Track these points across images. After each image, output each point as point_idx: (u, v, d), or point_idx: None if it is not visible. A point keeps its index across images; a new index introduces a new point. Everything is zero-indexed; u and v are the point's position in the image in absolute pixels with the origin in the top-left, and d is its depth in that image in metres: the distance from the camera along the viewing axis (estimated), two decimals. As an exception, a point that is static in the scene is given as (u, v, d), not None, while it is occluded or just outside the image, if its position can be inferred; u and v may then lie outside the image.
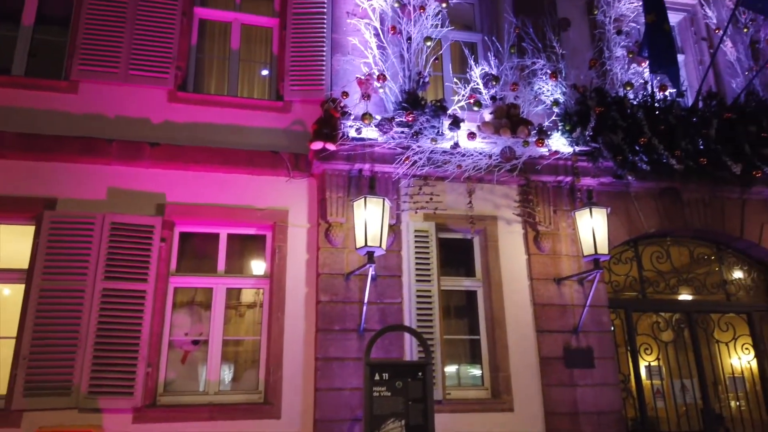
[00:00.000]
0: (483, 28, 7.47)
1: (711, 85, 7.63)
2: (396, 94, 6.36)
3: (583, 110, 6.65)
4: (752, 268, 7.22)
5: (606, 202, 6.39)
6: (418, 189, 6.19)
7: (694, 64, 8.00)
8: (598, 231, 5.78)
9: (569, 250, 6.37)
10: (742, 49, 7.80)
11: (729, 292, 7.04)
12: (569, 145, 6.52)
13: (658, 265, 6.96)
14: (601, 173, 6.59)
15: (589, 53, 7.29)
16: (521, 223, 6.45)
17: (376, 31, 6.59)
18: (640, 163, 6.52)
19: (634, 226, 6.69)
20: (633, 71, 7.21)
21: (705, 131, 6.74)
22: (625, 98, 6.77)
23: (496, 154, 6.27)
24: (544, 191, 6.52)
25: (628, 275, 6.84)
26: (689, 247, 7.15)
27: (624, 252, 6.87)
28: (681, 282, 6.96)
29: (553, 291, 6.20)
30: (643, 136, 6.53)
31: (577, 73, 7.04)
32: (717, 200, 6.93)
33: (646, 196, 6.81)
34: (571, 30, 7.30)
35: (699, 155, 6.64)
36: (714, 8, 7.99)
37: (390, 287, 5.84)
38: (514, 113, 6.50)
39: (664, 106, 6.85)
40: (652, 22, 6.53)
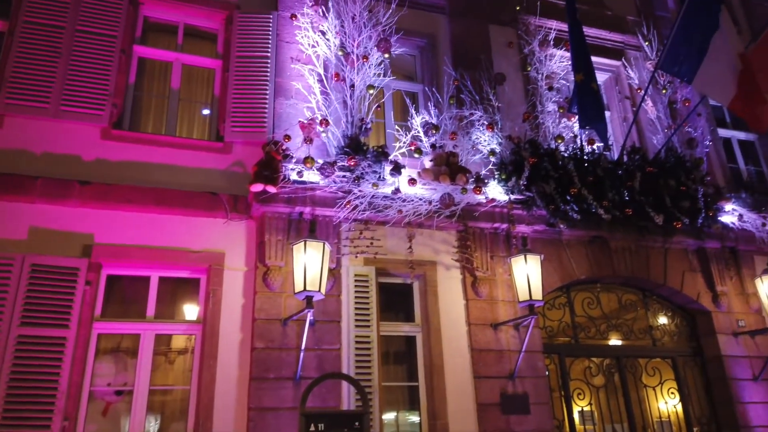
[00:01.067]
0: (424, 79, 7.72)
1: (635, 140, 8.15)
2: (338, 138, 6.42)
3: (518, 160, 6.92)
4: (675, 314, 7.58)
5: (540, 249, 6.59)
6: (358, 233, 6.20)
7: (619, 121, 8.54)
8: (532, 277, 5.94)
9: (506, 296, 6.49)
10: (662, 109, 8.41)
11: (655, 337, 7.34)
12: (505, 193, 6.74)
13: (590, 310, 7.20)
14: (535, 221, 6.82)
15: (523, 107, 7.65)
16: (460, 268, 6.54)
17: (320, 77, 6.68)
18: (571, 212, 6.81)
19: (566, 273, 6.93)
20: (564, 125, 7.61)
21: (630, 183, 7.14)
22: (557, 150, 7.11)
23: (435, 200, 6.40)
24: (481, 237, 6.66)
25: (561, 321, 7.03)
26: (618, 294, 7.46)
27: (557, 298, 7.07)
28: (611, 327, 7.21)
29: (490, 336, 6.27)
30: (574, 186, 6.84)
31: (512, 125, 7.36)
32: (642, 249, 7.29)
33: (577, 244, 7.09)
34: (506, 84, 7.65)
35: (625, 206, 7.01)
36: (636, 70, 8.62)
37: (328, 333, 5.73)
38: (453, 161, 6.69)
39: (592, 158, 7.23)
40: (581, 80, 6.95)
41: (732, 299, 7.39)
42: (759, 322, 7.33)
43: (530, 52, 7.98)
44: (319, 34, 6.80)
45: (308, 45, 6.78)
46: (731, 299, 7.38)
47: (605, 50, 8.65)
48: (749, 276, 7.48)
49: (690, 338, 7.45)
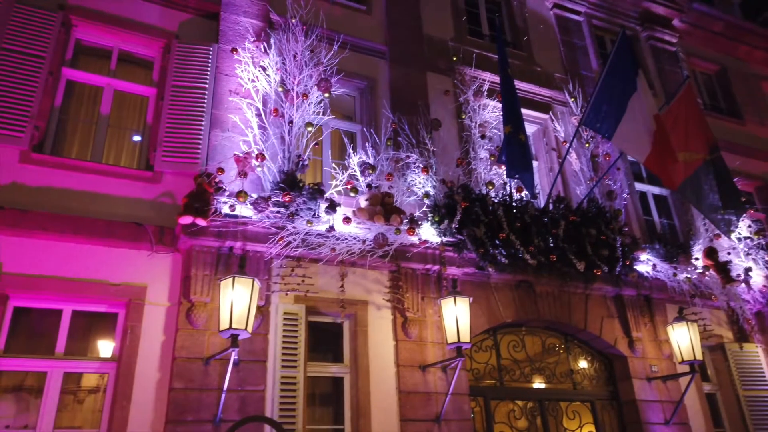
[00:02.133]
0: (363, 120, 7.85)
1: (560, 190, 8.57)
2: (274, 174, 6.37)
3: (451, 204, 7.10)
4: (595, 358, 7.87)
5: (469, 291, 6.73)
6: (290, 270, 6.10)
7: (546, 171, 8.97)
8: (461, 319, 6.03)
9: (435, 337, 6.54)
10: (585, 161, 8.91)
11: (575, 381, 7.57)
12: (438, 235, 6.87)
13: (515, 353, 7.36)
14: (465, 264, 6.97)
15: (457, 152, 7.91)
16: (391, 308, 6.55)
17: (258, 111, 6.65)
18: (500, 257, 7.02)
19: (493, 316, 7.08)
20: (495, 172, 7.91)
21: (555, 231, 7.47)
22: (488, 196, 7.36)
23: (369, 239, 6.42)
24: (413, 278, 6.72)
25: (487, 363, 7.13)
26: (541, 337, 7.68)
27: (484, 340, 7.19)
28: (534, 370, 7.38)
29: (419, 378, 6.27)
30: (502, 231, 7.07)
31: (446, 169, 7.58)
32: (565, 294, 7.58)
33: (504, 288, 7.28)
34: (442, 130, 7.90)
35: (549, 252, 7.30)
36: (562, 124, 9.14)
37: (253, 373, 5.54)
38: (389, 202, 6.77)
39: (520, 205, 7.53)
40: (509, 132, 7.28)
41: (646, 345, 7.77)
42: (670, 367, 7.72)
43: (465, 101, 8.31)
44: (259, 70, 6.80)
45: (248, 79, 6.76)
46: (645, 345, 7.76)
47: (534, 104, 9.13)
48: (662, 323, 7.91)
49: (607, 382, 7.73)
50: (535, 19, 10.13)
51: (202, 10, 7.18)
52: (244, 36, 7.02)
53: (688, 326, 7.16)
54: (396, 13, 8.58)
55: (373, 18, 8.47)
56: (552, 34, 10.17)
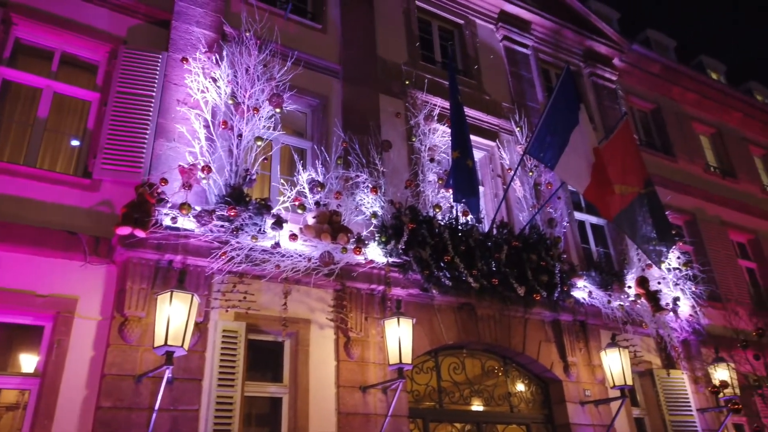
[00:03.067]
0: (314, 137, 7.84)
1: (504, 216, 8.79)
2: (220, 187, 6.25)
3: (398, 225, 7.16)
4: (532, 382, 8.03)
5: (413, 312, 6.77)
6: (232, 286, 5.96)
7: (491, 196, 9.19)
8: (404, 340, 6.04)
9: (376, 358, 6.51)
10: (528, 189, 9.19)
11: (513, 404, 7.70)
12: (384, 255, 6.90)
13: (455, 375, 7.42)
14: (410, 285, 7.02)
15: (406, 174, 8.00)
16: (334, 328, 6.49)
17: (206, 123, 6.54)
18: (444, 279, 7.11)
19: (435, 337, 7.13)
20: (442, 195, 8.04)
21: (497, 255, 7.64)
22: (434, 218, 7.47)
23: (315, 257, 6.38)
24: (358, 298, 6.70)
25: (428, 385, 7.16)
26: (481, 360, 7.78)
27: (426, 362, 7.23)
28: (473, 393, 7.46)
29: (359, 399, 6.21)
30: (448, 254, 7.18)
31: (395, 190, 7.65)
32: (505, 318, 7.73)
33: (447, 310, 7.36)
34: (392, 151, 7.99)
35: (492, 276, 7.45)
36: (508, 152, 9.41)
37: (187, 392, 5.34)
38: (336, 220, 6.75)
39: (465, 229, 7.67)
40: (457, 158, 7.45)
41: (581, 369, 8.01)
42: (602, 392, 7.97)
43: (416, 124, 8.44)
44: (210, 81, 6.70)
45: (197, 90, 6.64)
46: (580, 369, 8.00)
47: (482, 131, 9.38)
48: (596, 348, 8.18)
49: (543, 406, 7.90)
50: (485, 49, 10.46)
51: (152, 17, 7.03)
52: (196, 46, 6.91)
53: (619, 352, 7.43)
54: (351, 34, 8.67)
55: (328, 37, 8.53)
56: (501, 65, 10.52)
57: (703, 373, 8.92)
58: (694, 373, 8.98)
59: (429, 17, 10.26)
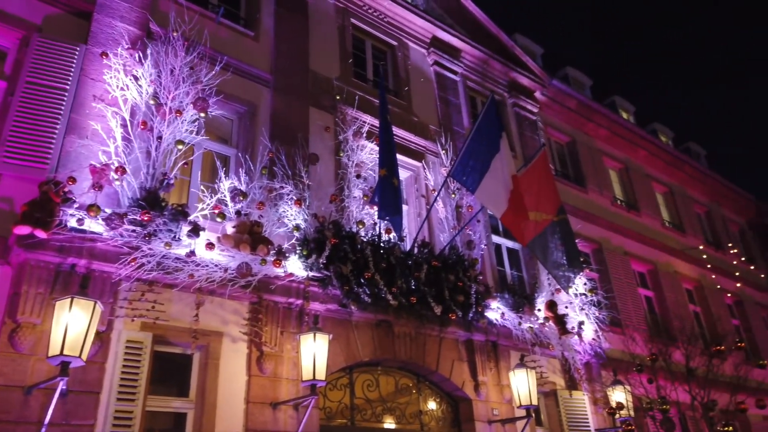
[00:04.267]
0: (239, 144, 7.67)
1: (425, 235, 8.97)
2: (135, 190, 5.97)
3: (321, 239, 7.13)
4: (443, 400, 8.17)
5: (330, 328, 6.72)
6: (140, 294, 5.68)
7: (414, 216, 9.36)
8: (319, 356, 5.98)
9: (290, 374, 6.40)
10: (450, 211, 9.44)
11: (423, 422, 7.78)
12: (304, 269, 6.83)
13: (369, 393, 7.42)
14: (329, 300, 6.98)
15: (331, 189, 8.00)
16: (247, 342, 6.32)
17: (124, 121, 6.24)
18: (363, 295, 7.12)
19: (351, 354, 7.11)
20: (366, 212, 8.09)
21: (417, 274, 7.77)
22: (357, 234, 7.50)
23: (232, 268, 6.21)
24: (274, 311, 6.58)
25: (341, 402, 7.11)
26: (395, 377, 7.83)
27: (340, 378, 7.18)
28: (386, 411, 7.49)
29: (269, 416, 6.06)
30: (368, 270, 7.22)
31: (320, 204, 7.61)
32: (421, 336, 7.85)
33: (365, 326, 7.37)
34: (319, 165, 7.96)
35: (410, 294, 7.56)
36: (432, 173, 9.64)
37: (83, 406, 5.00)
38: (257, 231, 6.62)
39: (387, 247, 7.75)
40: (383, 175, 7.53)
41: (490, 389, 8.24)
42: (510, 411, 8.23)
43: (344, 140, 8.48)
44: (131, 79, 6.41)
45: (117, 86, 6.34)
46: (489, 389, 8.23)
47: (410, 151, 9.56)
48: (505, 368, 8.46)
49: (453, 424, 8.05)
50: (416, 72, 10.71)
51: (72, 7, 6.66)
52: (118, 41, 6.61)
53: (527, 373, 7.73)
54: (284, 45, 8.61)
55: (260, 45, 8.42)
56: (431, 89, 10.80)
57: (602, 394, 9.43)
58: (594, 395, 9.47)
59: (363, 35, 10.39)
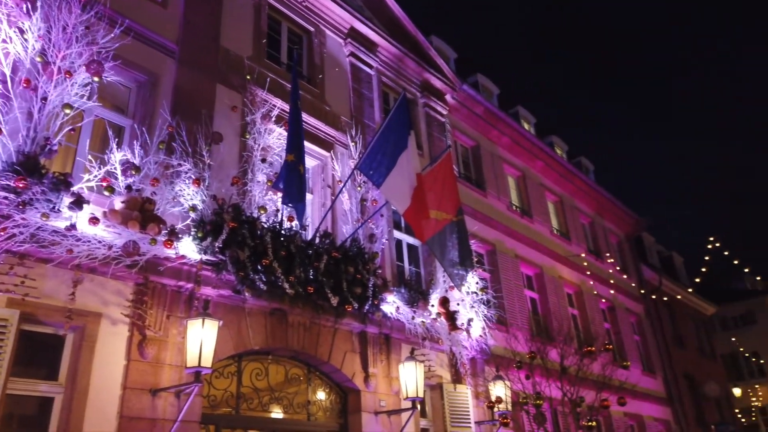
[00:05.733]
0: (135, 115, 7.20)
1: (328, 226, 8.93)
2: (11, 153, 5.42)
3: (218, 222, 6.88)
4: (332, 391, 8.21)
5: (221, 314, 6.53)
6: (8, 268, 5.17)
7: (319, 205, 9.29)
8: (206, 343, 5.78)
9: (174, 360, 6.13)
10: (355, 203, 9.47)
11: (311, 412, 7.77)
12: (198, 252, 6.56)
13: (257, 381, 7.29)
14: (222, 285, 6.76)
15: (234, 171, 7.73)
16: (129, 324, 5.98)
17: (3, 77, 5.64)
18: (259, 282, 6.97)
19: (242, 342, 6.94)
20: (269, 198, 7.91)
21: (317, 264, 7.72)
22: (258, 220, 7.31)
23: (118, 246, 5.84)
24: (162, 294, 6.27)
25: (227, 390, 6.93)
26: (286, 367, 7.75)
27: (228, 366, 6.99)
28: (273, 400, 7.39)
29: (147, 403, 5.78)
30: (267, 257, 7.06)
31: (220, 186, 7.34)
32: (315, 326, 7.82)
33: (258, 314, 7.22)
34: (222, 145, 7.67)
35: (308, 284, 7.49)
36: (340, 164, 9.62)
37: (-71, 388, 4.49)
38: (149, 208, 6.26)
39: (288, 235, 7.63)
40: (291, 161, 7.40)
41: (379, 381, 8.39)
42: (396, 403, 8.44)
43: (252, 122, 8.22)
44: (15, 31, 5.80)
45: (-2, 37, 5.71)
46: (379, 381, 8.38)
47: (319, 140, 9.47)
48: (396, 361, 8.65)
49: (340, 414, 8.11)
50: (332, 61, 10.62)
51: (-51, -59, 5.91)
52: (3, -13, 5.95)
53: (416, 366, 7.96)
54: (194, 15, 8.19)
55: (168, 12, 7.95)
56: (345, 80, 10.76)
57: (483, 388, 9.93)
58: (476, 389, 9.94)
59: (280, 17, 10.12)
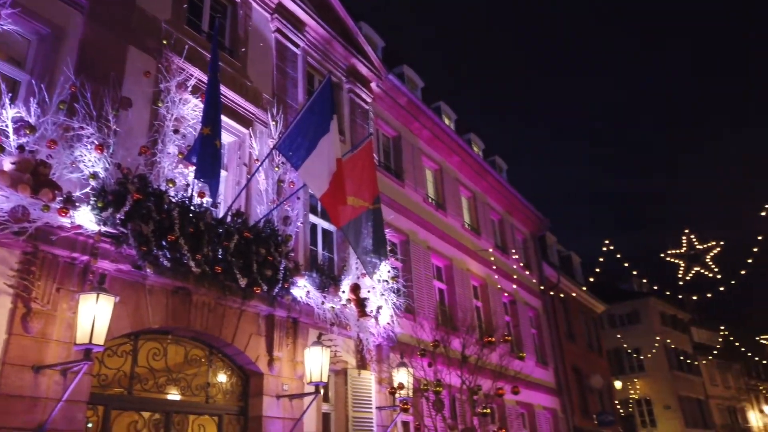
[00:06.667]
0: (34, 70, 6.61)
1: (242, 205, 8.67)
2: None
3: (122, 192, 6.48)
4: (234, 373, 8.01)
5: (118, 289, 6.19)
6: None
7: (233, 183, 8.99)
8: (99, 319, 5.47)
9: (62, 336, 5.74)
10: (271, 184, 9.26)
11: (210, 394, 7.55)
12: (96, 223, 6.16)
13: (154, 362, 6.98)
14: (121, 259, 6.40)
15: (143, 140, 7.31)
16: (12, 296, 5.53)
17: None
18: (163, 259, 6.65)
19: (140, 319, 6.61)
20: (179, 171, 7.54)
21: (226, 243, 7.47)
22: (166, 193, 6.96)
23: (4, 210, 5.38)
24: (52, 265, 5.85)
25: (119, 369, 6.59)
26: (186, 348, 7.48)
27: (122, 345, 6.65)
28: (170, 381, 7.11)
29: (28, 380, 5.37)
30: (173, 233, 6.75)
31: (127, 154, 6.92)
32: (221, 307, 7.59)
33: (159, 292, 6.91)
34: (131, 111, 7.22)
35: (216, 263, 7.25)
36: (259, 143, 9.35)
37: None
38: (43, 172, 5.79)
39: (199, 211, 7.32)
40: (207, 134, 7.09)
41: (284, 365, 8.31)
42: (300, 387, 8.40)
43: (166, 90, 7.80)
44: None
45: None
46: (283, 365, 8.30)
47: (237, 115, 9.15)
48: (302, 345, 8.60)
49: (240, 397, 7.95)
50: (256, 35, 10.28)
51: None
52: None
53: (322, 351, 7.95)
54: (109, -32, 7.62)
55: (79, -38, 7.34)
56: (269, 57, 10.45)
57: (387, 375, 10.11)
58: (380, 375, 10.10)
59: (205, -18, 9.65)
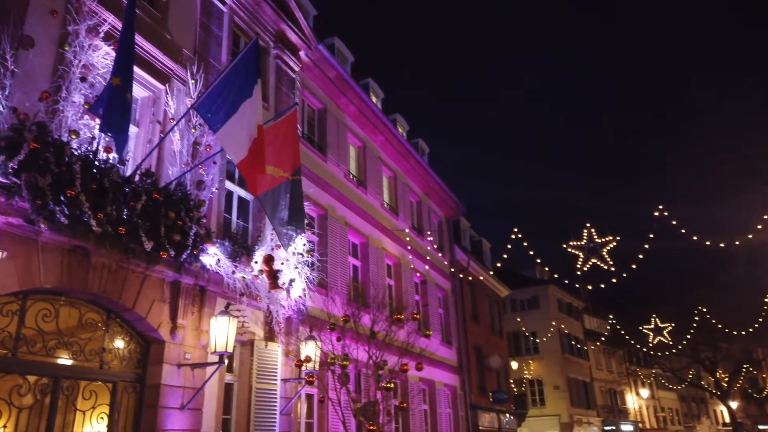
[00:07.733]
0: None
1: (152, 165, 8.22)
2: None
3: (16, 139, 5.97)
4: (133, 339, 7.65)
5: (6, 244, 5.75)
6: None
7: (144, 141, 8.49)
8: (-18, 275, 5.01)
9: (-64, 291, 5.23)
10: (186, 145, 8.83)
11: (104, 360, 7.17)
12: (-16, 170, 5.62)
13: (44, 324, 6.52)
14: (12, 212, 5.91)
15: (45, 85, 6.74)
16: None
17: None
18: (60, 215, 6.21)
19: (30, 278, 6.15)
20: (84, 122, 7.02)
21: (133, 204, 7.07)
22: (67, 145, 6.47)
23: None
24: (-71, 213, 5.27)
25: (4, 330, 6.11)
26: (81, 310, 7.04)
27: (8, 304, 6.16)
28: (61, 345, 6.67)
29: None
30: (73, 188, 6.30)
31: (25, 98, 6.37)
32: (122, 270, 7.20)
33: (54, 250, 6.44)
34: (32, 52, 6.61)
35: (120, 224, 6.85)
36: (175, 101, 8.86)
37: None
38: None
39: (104, 167, 6.87)
40: (116, 85, 6.62)
41: (188, 333, 8.05)
42: (203, 357, 8.17)
43: (74, 33, 7.21)
44: None
45: None
46: (187, 333, 8.04)
47: (153, 69, 8.61)
48: (209, 314, 8.35)
49: (138, 365, 7.62)
50: (181, -14, 9.68)
51: None
52: None
53: (229, 321, 7.78)
54: None
55: None
56: (193, 11, 9.90)
57: (295, 347, 10.08)
58: (287, 347, 10.06)
59: None
